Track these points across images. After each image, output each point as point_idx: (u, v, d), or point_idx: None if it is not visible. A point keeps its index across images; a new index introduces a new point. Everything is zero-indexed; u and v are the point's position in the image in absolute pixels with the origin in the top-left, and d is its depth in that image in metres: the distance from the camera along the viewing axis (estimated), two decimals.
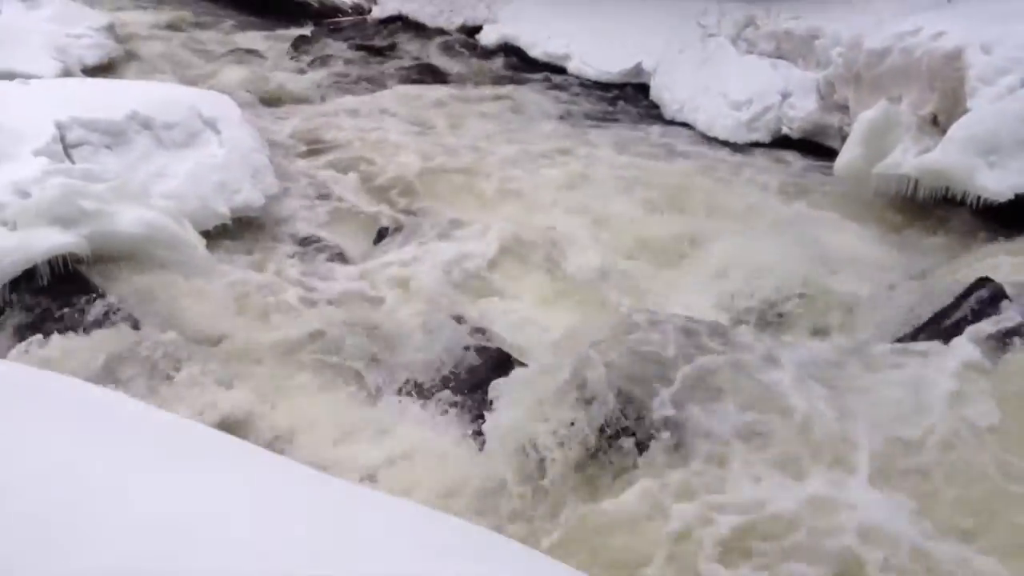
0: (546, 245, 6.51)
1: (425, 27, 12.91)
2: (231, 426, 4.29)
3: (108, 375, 4.72)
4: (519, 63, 11.59)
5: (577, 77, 11.04)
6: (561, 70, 11.28)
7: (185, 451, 2.80)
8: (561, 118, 9.58)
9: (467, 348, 5.09)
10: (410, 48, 12.10)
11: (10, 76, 8.55)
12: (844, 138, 7.67)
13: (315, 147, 8.47)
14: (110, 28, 11.62)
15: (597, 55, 10.99)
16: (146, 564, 1.78)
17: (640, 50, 10.71)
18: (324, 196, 7.38)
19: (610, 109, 10.03)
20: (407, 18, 13.19)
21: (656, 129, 9.34)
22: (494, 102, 9.92)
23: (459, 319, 5.49)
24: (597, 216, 7.02)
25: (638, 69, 10.66)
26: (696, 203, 7.28)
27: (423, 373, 5.00)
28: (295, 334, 5.28)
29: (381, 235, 6.68)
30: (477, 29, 12.59)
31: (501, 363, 4.87)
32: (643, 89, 10.49)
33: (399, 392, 4.90)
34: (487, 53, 11.95)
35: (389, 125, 8.98)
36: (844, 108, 8.20)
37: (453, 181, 7.66)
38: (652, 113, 9.92)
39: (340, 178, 7.72)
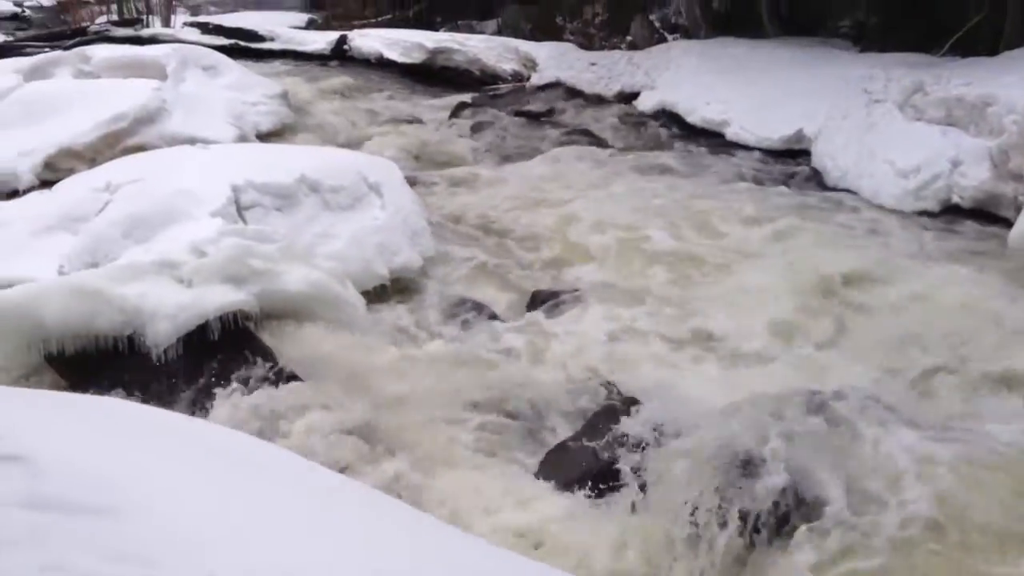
0: (710, 313, 6.38)
1: (583, 93, 13.06)
2: (383, 485, 4.34)
3: (271, 430, 4.86)
4: (677, 129, 11.57)
5: (736, 143, 10.89)
6: (719, 136, 11.17)
7: (342, 506, 2.85)
8: (720, 183, 9.44)
9: (617, 416, 5.01)
10: (568, 114, 12.25)
11: (192, 141, 9.11)
12: (1019, 208, 7.33)
13: (472, 211, 8.61)
14: (283, 96, 12.20)
15: (756, 121, 10.84)
16: None
17: (801, 116, 10.51)
18: (480, 259, 7.47)
19: (769, 175, 9.84)
20: (565, 85, 13.37)
21: (819, 196, 9.09)
22: (653, 167, 9.88)
23: (612, 386, 5.44)
24: (760, 284, 6.82)
25: (799, 135, 10.46)
26: (868, 273, 6.98)
27: (570, 440, 4.95)
28: (448, 394, 5.32)
29: (536, 299, 6.69)
30: (635, 96, 12.64)
31: (655, 433, 4.76)
32: (804, 155, 10.26)
33: (545, 459, 4.85)
34: (645, 119, 11.98)
35: (547, 189, 9.06)
36: (1019, 177, 7.82)
37: (612, 246, 7.61)
38: (813, 180, 9.68)
39: (497, 241, 7.82)
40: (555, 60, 14.24)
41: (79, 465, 2.63)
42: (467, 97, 13.13)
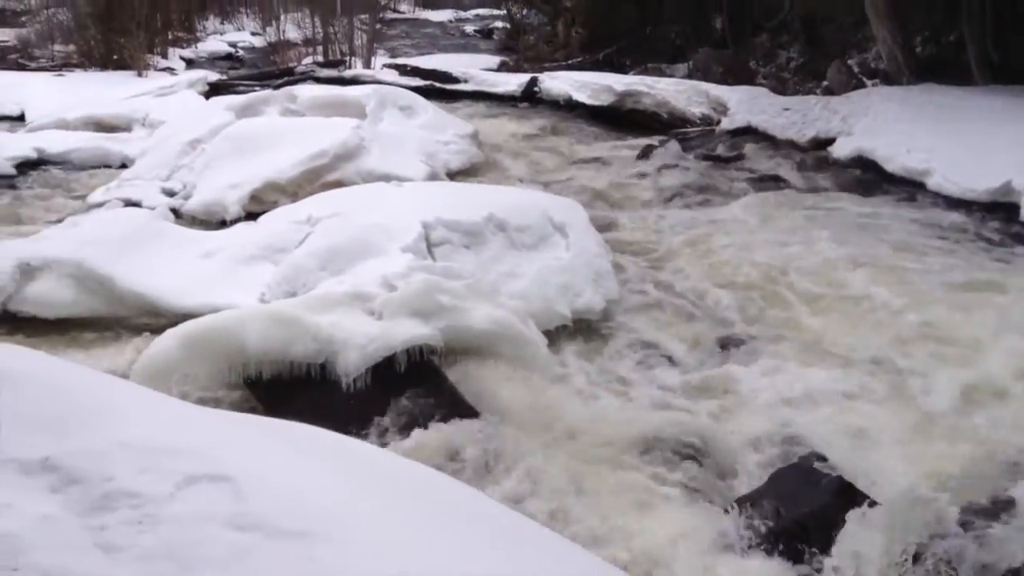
0: (909, 370, 6.08)
1: (774, 139, 12.78)
2: (562, 527, 4.33)
3: (452, 463, 4.94)
4: (873, 178, 11.11)
5: (937, 193, 10.36)
6: (919, 186, 10.65)
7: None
8: (921, 235, 8.99)
9: (803, 473, 4.82)
10: (758, 159, 12.02)
11: (387, 178, 9.46)
12: None
13: (656, 254, 8.56)
14: (474, 136, 12.52)
15: (960, 171, 10.28)
16: None
17: (1010, 167, 9.92)
18: (664, 303, 7.39)
19: (974, 228, 9.30)
20: (756, 129, 13.13)
21: None
22: (848, 215, 9.53)
23: (799, 441, 5.25)
24: (965, 342, 6.43)
25: (1007, 188, 9.85)
26: None
27: (753, 495, 4.78)
28: (627, 439, 5.27)
29: (721, 346, 6.55)
30: (829, 142, 12.27)
31: (844, 494, 4.54)
32: (1012, 209, 9.66)
33: (726, 514, 4.70)
34: (839, 166, 11.59)
35: (735, 234, 8.89)
36: None
37: (803, 296, 7.36)
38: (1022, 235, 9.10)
39: (681, 286, 7.71)
40: (747, 104, 14.03)
41: (278, 489, 2.75)
42: (655, 140, 13.08)
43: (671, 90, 15.11)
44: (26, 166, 11.82)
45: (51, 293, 6.77)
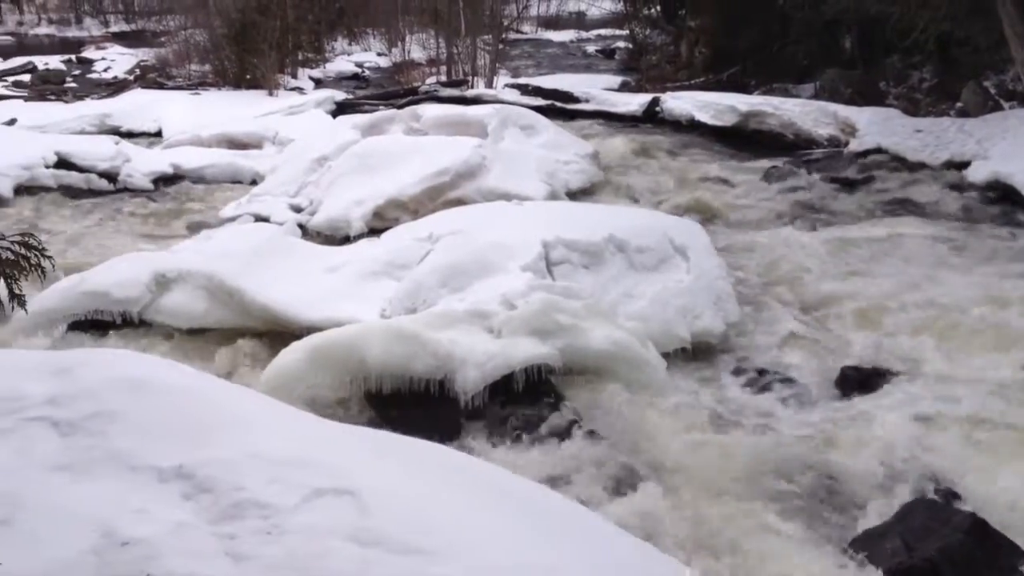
0: None
1: (905, 161, 12.35)
2: (675, 549, 4.25)
3: (567, 484, 4.92)
4: (1010, 204, 10.63)
5: None
6: None
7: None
8: None
9: (934, 510, 4.62)
10: (888, 182, 11.63)
11: (507, 196, 9.52)
12: None
13: (778, 277, 8.36)
14: (594, 155, 12.50)
15: None
16: None
17: None
18: (786, 328, 7.20)
19: None
20: (887, 151, 12.71)
21: None
22: (983, 243, 9.12)
23: (926, 476, 5.03)
24: None
25: None
26: None
27: (880, 529, 4.61)
28: (746, 466, 5.15)
29: (844, 375, 6.34)
30: (964, 165, 11.79)
31: (978, 531, 4.32)
32: None
33: (852, 547, 4.54)
34: (974, 190, 11.13)
35: (861, 259, 8.62)
36: None
37: (934, 327, 7.03)
38: None
39: (804, 311, 7.52)
40: (877, 126, 13.61)
41: (400, 505, 2.77)
42: (779, 161, 12.81)
43: (797, 110, 14.79)
44: (163, 181, 12.36)
45: (184, 304, 7.03)
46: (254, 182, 12.17)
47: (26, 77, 24.15)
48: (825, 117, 14.55)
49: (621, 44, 30.78)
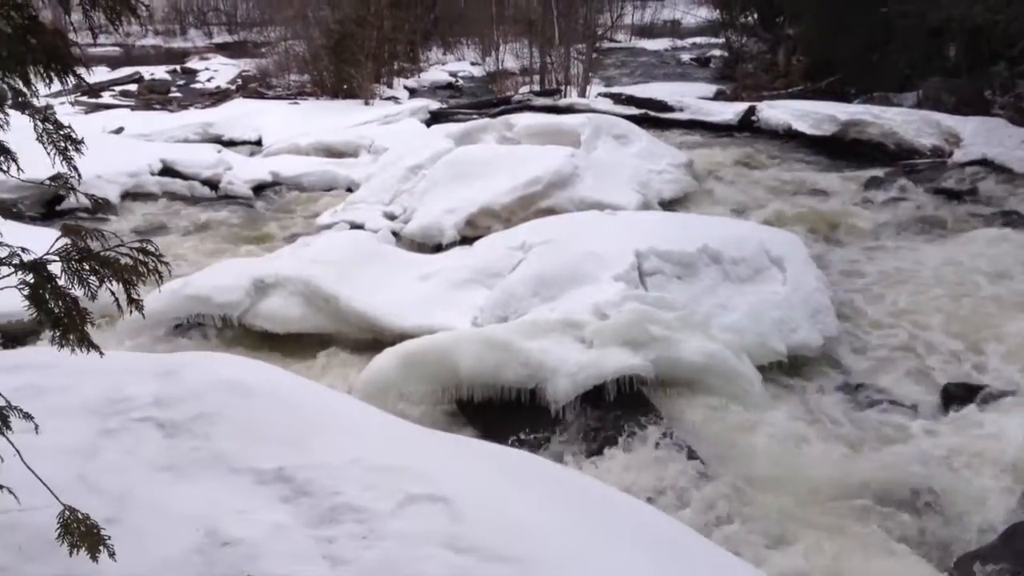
0: None
1: (1012, 172, 11.93)
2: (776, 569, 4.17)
3: (658, 495, 4.87)
4: None
5: None
6: None
7: None
8: None
9: None
10: (993, 194, 11.23)
11: (599, 206, 9.48)
12: None
13: (879, 290, 8.15)
14: (688, 165, 12.38)
15: None
16: None
17: None
18: (887, 343, 7.03)
19: None
20: (992, 162, 12.29)
21: None
22: None
23: None
24: None
25: None
26: None
27: (984, 551, 4.45)
28: (845, 484, 5.03)
29: (948, 394, 6.15)
30: None
31: None
32: None
33: (956, 569, 4.40)
34: None
35: (967, 274, 8.33)
36: None
37: None
38: None
39: (905, 326, 7.31)
40: (982, 136, 13.17)
41: (493, 513, 2.77)
42: (879, 172, 12.50)
43: (899, 120, 14.41)
44: (262, 188, 12.66)
45: (281, 309, 7.18)
46: (349, 190, 12.36)
47: (133, 87, 24.98)
48: (928, 127, 14.15)
49: (716, 52, 30.46)
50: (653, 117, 17.23)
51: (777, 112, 15.93)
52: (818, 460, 5.29)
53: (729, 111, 16.88)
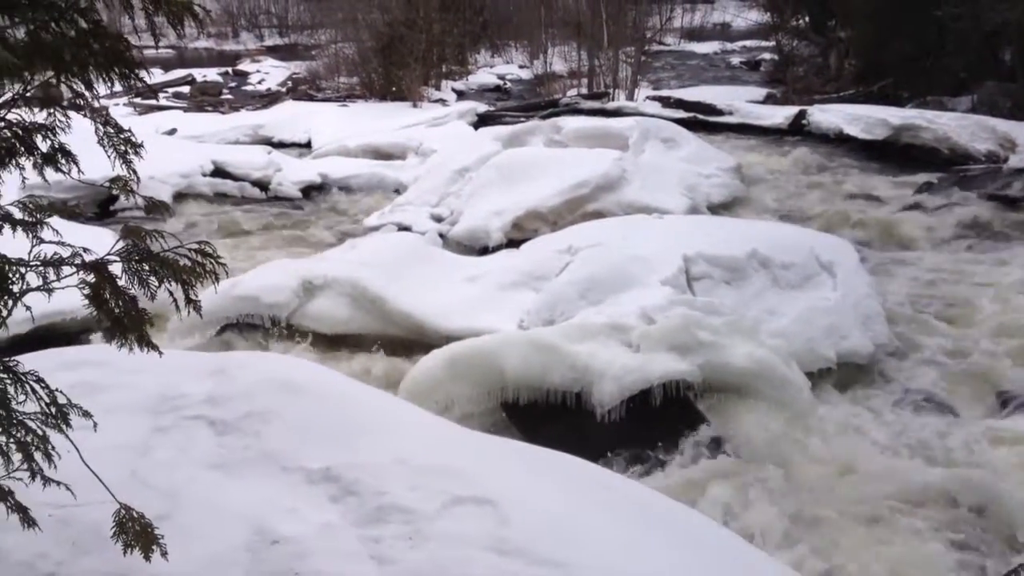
0: None
1: None
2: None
3: (702, 500, 4.84)
4: None
5: None
6: None
7: None
8: None
9: None
10: None
11: (647, 209, 9.45)
12: None
13: (931, 298, 8.03)
14: (737, 169, 12.29)
15: None
16: None
17: None
18: (938, 351, 6.92)
19: None
20: None
21: None
22: None
23: None
24: None
25: None
26: None
27: None
28: (892, 490, 4.97)
29: (1003, 402, 6.04)
30: None
31: None
32: None
33: None
34: None
35: (1019, 282, 8.18)
36: None
37: None
38: None
39: (959, 334, 7.19)
40: None
41: (539, 516, 2.78)
42: (932, 177, 12.30)
43: (953, 125, 14.17)
44: (311, 189, 12.78)
45: (329, 310, 7.24)
46: (397, 192, 12.44)
47: (185, 89, 25.35)
48: (983, 132, 13.90)
49: (766, 56, 30.19)
50: (702, 120, 17.15)
51: (828, 116, 15.75)
52: (866, 468, 5.22)
53: (779, 115, 16.74)
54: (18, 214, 2.34)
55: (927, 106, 16.72)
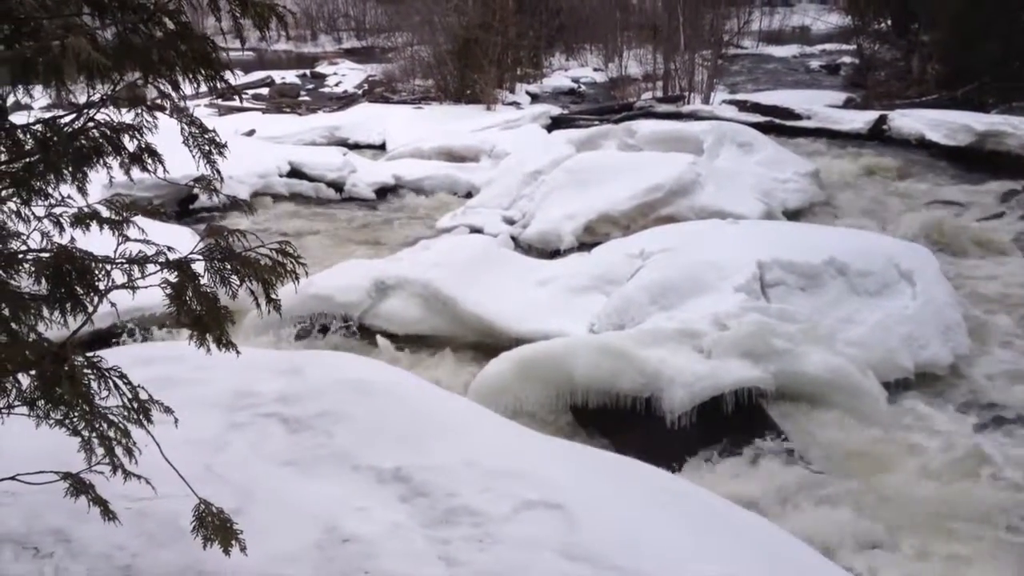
0: None
1: None
2: None
3: (775, 509, 4.76)
4: None
5: None
6: None
7: None
8: None
9: None
10: None
11: (721, 214, 9.33)
12: None
13: (1014, 309, 7.80)
14: (815, 174, 12.07)
15: None
16: None
17: None
18: (1020, 363, 6.71)
19: None
20: None
21: None
22: None
23: None
24: None
25: None
26: None
27: None
28: (968, 506, 4.84)
29: None
30: None
31: None
32: None
33: None
34: None
35: None
36: None
37: None
38: None
39: None
40: None
41: (608, 522, 2.76)
42: (1017, 185, 11.96)
43: None
44: (384, 191, 12.90)
45: (401, 310, 7.30)
46: (469, 194, 12.49)
47: (264, 90, 25.77)
48: None
49: (847, 59, 29.61)
50: (779, 125, 16.87)
51: (910, 121, 15.39)
52: (942, 480, 5.09)
53: (859, 119, 16.40)
54: (105, 212, 2.40)
55: (1014, 112, 16.23)
